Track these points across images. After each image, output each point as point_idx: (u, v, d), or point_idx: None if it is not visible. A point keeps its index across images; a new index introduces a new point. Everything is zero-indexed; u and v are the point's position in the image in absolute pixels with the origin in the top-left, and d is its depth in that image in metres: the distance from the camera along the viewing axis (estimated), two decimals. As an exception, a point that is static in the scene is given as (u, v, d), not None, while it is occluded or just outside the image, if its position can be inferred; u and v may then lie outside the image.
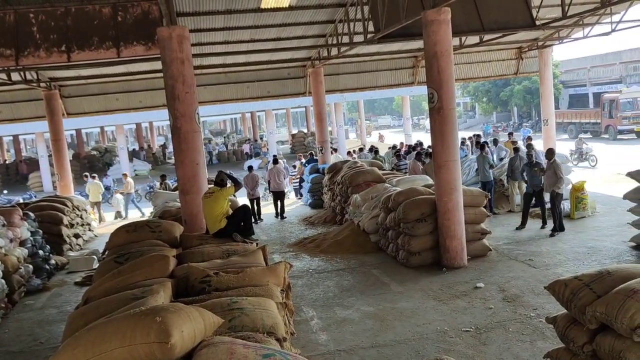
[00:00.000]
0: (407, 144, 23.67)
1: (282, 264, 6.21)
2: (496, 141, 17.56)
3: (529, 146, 12.93)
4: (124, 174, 20.37)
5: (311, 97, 18.94)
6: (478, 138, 19.40)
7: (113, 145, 42.27)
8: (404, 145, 23.18)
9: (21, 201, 16.92)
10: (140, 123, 44.15)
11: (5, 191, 22.74)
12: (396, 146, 21.49)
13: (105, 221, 18.26)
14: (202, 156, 9.38)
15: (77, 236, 13.87)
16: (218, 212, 7.85)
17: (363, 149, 21.97)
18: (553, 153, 11.12)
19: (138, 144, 45.45)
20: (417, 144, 19.76)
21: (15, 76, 14.33)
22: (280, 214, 15.84)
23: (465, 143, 19.54)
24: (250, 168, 16.66)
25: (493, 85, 45.71)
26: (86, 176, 19.23)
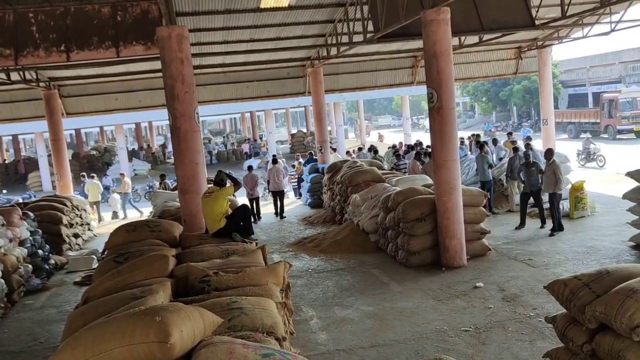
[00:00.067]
0: (407, 144, 23.68)
1: (282, 264, 6.21)
2: (496, 141, 17.55)
3: (527, 146, 12.94)
4: (122, 174, 20.36)
5: (310, 97, 18.94)
6: (478, 137, 19.40)
7: (112, 145, 42.29)
8: (403, 145, 23.19)
9: (20, 201, 16.90)
10: (139, 123, 44.18)
11: (4, 191, 22.72)
12: (396, 146, 21.49)
13: (104, 221, 18.26)
14: (202, 156, 9.38)
15: (77, 236, 13.87)
16: (217, 212, 7.85)
17: (362, 149, 21.97)
18: (552, 153, 11.13)
19: (137, 144, 45.44)
20: (417, 144, 19.76)
21: (14, 76, 14.34)
22: (279, 214, 15.85)
23: (464, 143, 19.53)
24: (250, 168, 16.66)
25: (492, 85, 45.73)
26: (83, 176, 19.20)
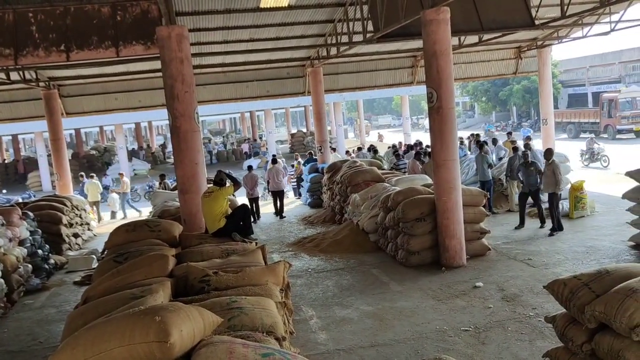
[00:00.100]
0: (406, 144, 23.67)
1: (281, 264, 6.22)
2: (495, 140, 17.55)
3: (526, 146, 12.93)
4: (120, 174, 20.34)
5: (310, 97, 18.94)
6: (477, 137, 19.39)
7: (112, 144, 42.29)
8: (403, 144, 23.18)
9: (20, 200, 16.90)
10: (139, 122, 44.16)
11: (4, 190, 22.71)
12: (395, 146, 21.49)
13: (104, 220, 18.26)
14: (202, 156, 9.37)
15: (76, 235, 13.87)
16: (217, 212, 7.86)
17: (362, 149, 21.97)
18: (552, 153, 11.13)
19: (137, 144, 45.43)
20: (416, 144, 19.75)
21: (14, 75, 14.33)
22: (279, 213, 15.86)
23: (463, 143, 19.51)
24: (249, 168, 16.67)
25: (492, 84, 45.72)
26: (82, 176, 19.13)
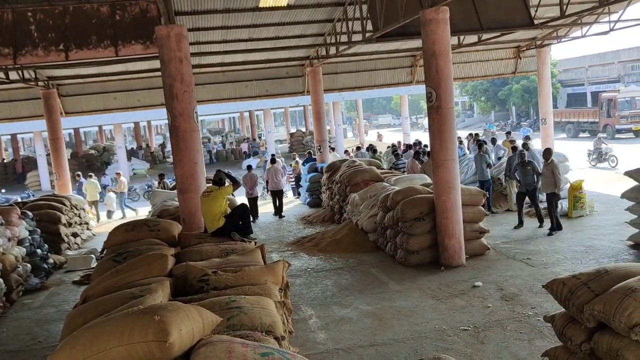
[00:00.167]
0: (405, 143, 23.67)
1: (281, 263, 6.21)
2: (494, 140, 17.56)
3: (524, 145, 12.93)
4: (117, 173, 20.30)
5: (309, 96, 18.93)
6: (477, 137, 19.39)
7: (111, 144, 42.25)
8: (402, 144, 23.18)
9: (19, 200, 16.89)
10: (138, 122, 44.16)
11: (3, 190, 22.68)
12: (395, 145, 21.50)
13: (105, 219, 18.25)
14: (201, 155, 9.37)
15: (75, 235, 13.86)
16: (216, 211, 7.86)
17: (361, 148, 21.98)
18: (550, 153, 11.13)
19: (136, 143, 45.40)
20: (416, 143, 19.75)
21: (13, 75, 14.31)
22: (278, 213, 15.87)
23: (462, 142, 19.51)
24: (249, 167, 16.68)
25: (491, 84, 45.74)
26: (78, 175, 19.05)
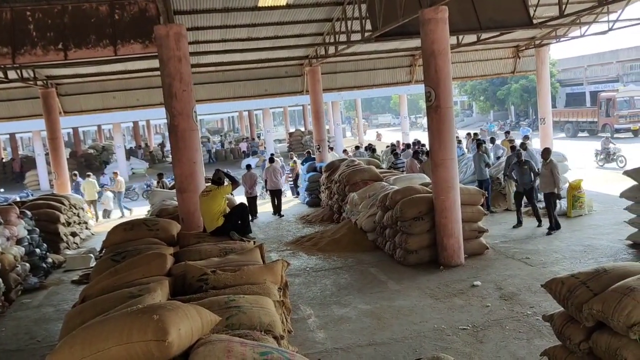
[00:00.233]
0: (404, 142, 23.66)
1: (280, 262, 6.21)
2: (493, 140, 17.58)
3: (522, 145, 12.94)
4: (115, 173, 20.27)
5: (308, 96, 18.92)
6: (476, 136, 19.40)
7: (110, 143, 42.22)
8: (401, 143, 23.17)
9: (18, 199, 16.87)
10: (137, 121, 44.15)
11: (1, 189, 22.66)
12: (394, 145, 21.50)
13: (101, 219, 18.23)
14: (200, 154, 9.36)
15: (74, 234, 13.86)
16: (215, 211, 7.85)
17: (359, 147, 21.98)
18: (549, 153, 11.13)
19: (135, 143, 45.38)
20: (415, 143, 19.74)
21: (12, 74, 14.28)
22: (277, 212, 15.88)
23: (461, 142, 19.51)
24: (248, 166, 16.69)
25: (490, 83, 45.73)
26: (75, 175, 18.95)
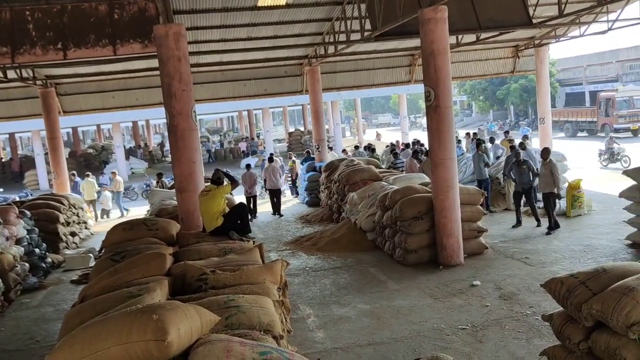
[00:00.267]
0: (403, 142, 23.67)
1: (279, 262, 6.20)
2: (493, 139, 17.59)
3: (520, 145, 12.95)
4: (113, 172, 20.24)
5: (308, 95, 18.92)
6: (475, 136, 19.42)
7: (109, 143, 42.19)
8: (400, 143, 23.17)
9: (17, 199, 16.86)
10: (136, 121, 44.13)
11: (1, 189, 22.65)
12: (393, 144, 21.50)
13: (102, 218, 18.23)
14: (199, 154, 9.36)
15: (74, 234, 13.85)
16: (215, 210, 7.85)
17: (359, 147, 22.00)
18: (549, 152, 11.13)
19: (135, 142, 45.37)
20: (415, 142, 19.74)
21: (11, 74, 14.27)
22: (277, 212, 15.89)
23: (460, 142, 19.54)
24: (248, 166, 16.72)
25: (489, 83, 45.75)
26: (73, 175, 18.92)
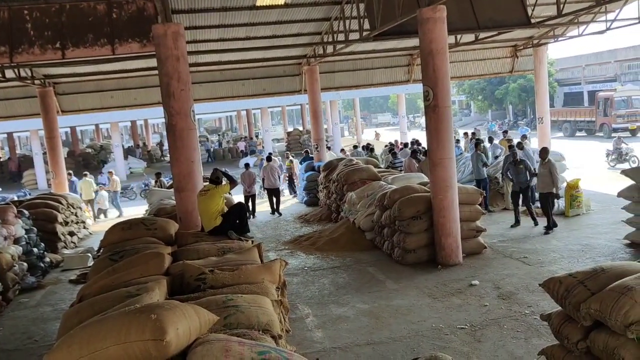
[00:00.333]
0: (402, 142, 23.67)
1: (278, 262, 6.20)
2: (491, 139, 17.59)
3: (518, 144, 12.95)
4: (110, 172, 20.18)
5: (307, 95, 18.92)
6: (474, 136, 19.41)
7: (108, 142, 42.16)
8: (399, 142, 23.17)
9: (15, 199, 16.83)
10: (135, 121, 44.09)
11: (-1, 189, 22.66)
12: (392, 144, 21.50)
13: (99, 218, 18.20)
14: (198, 153, 9.36)
15: (72, 234, 13.84)
16: (213, 210, 7.84)
17: (357, 147, 22.02)
18: (547, 152, 11.14)
19: (133, 142, 45.32)
20: (413, 142, 19.74)
21: (9, 73, 14.25)
22: (276, 210, 15.91)
23: (459, 142, 19.51)
24: (247, 165, 16.72)
25: (488, 83, 45.76)
26: (70, 174, 18.87)
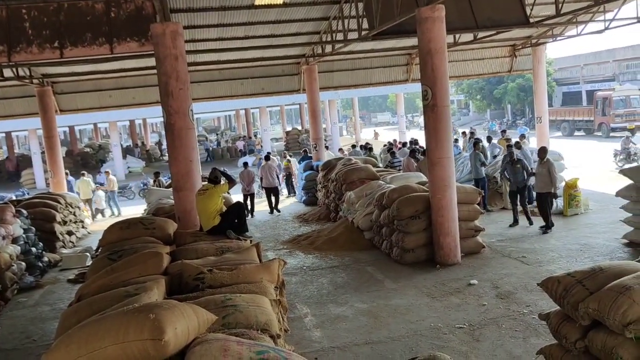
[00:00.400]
0: (400, 141, 23.67)
1: (276, 261, 6.20)
2: (490, 138, 17.61)
3: (516, 144, 12.95)
4: (106, 172, 20.14)
5: (305, 94, 18.91)
6: (473, 135, 19.42)
7: (106, 142, 42.12)
8: (398, 142, 23.17)
9: (14, 198, 16.81)
10: (133, 120, 44.03)
11: (-2, 188, 22.62)
12: (391, 143, 21.50)
13: (97, 218, 18.18)
14: (196, 153, 9.35)
15: (70, 233, 13.82)
16: (212, 209, 7.84)
17: (355, 146, 22.03)
18: (546, 152, 11.14)
19: (132, 141, 45.28)
20: (412, 142, 19.75)
21: (7, 72, 14.24)
22: (275, 208, 15.92)
23: (457, 141, 19.53)
24: (245, 164, 16.75)
25: (487, 82, 45.78)
26: (66, 174, 18.81)
